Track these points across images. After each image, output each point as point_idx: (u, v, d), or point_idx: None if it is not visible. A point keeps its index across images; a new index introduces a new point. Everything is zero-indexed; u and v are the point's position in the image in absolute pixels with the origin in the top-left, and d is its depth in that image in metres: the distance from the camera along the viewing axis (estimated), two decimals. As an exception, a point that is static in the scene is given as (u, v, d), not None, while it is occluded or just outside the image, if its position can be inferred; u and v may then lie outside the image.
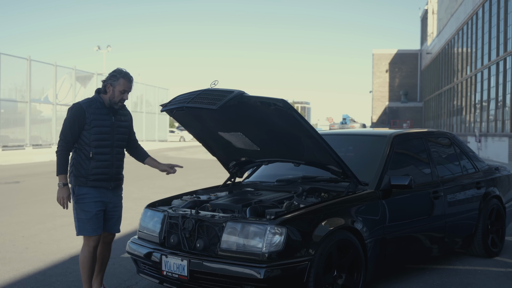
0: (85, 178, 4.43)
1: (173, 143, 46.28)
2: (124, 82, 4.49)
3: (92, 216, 4.42)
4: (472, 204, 6.03)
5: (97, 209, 4.44)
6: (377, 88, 66.50)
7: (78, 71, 33.09)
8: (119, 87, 4.48)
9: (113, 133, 4.52)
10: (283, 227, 4.04)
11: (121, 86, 4.48)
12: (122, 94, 4.50)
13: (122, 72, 4.51)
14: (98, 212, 4.46)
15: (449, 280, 5.35)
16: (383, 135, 5.53)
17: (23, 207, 10.06)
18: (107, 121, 4.48)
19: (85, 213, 4.42)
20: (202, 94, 4.46)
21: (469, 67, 34.39)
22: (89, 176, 4.43)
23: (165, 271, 4.38)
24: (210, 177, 15.44)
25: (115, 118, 4.55)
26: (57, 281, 5.34)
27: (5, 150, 26.15)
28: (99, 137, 4.44)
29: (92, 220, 4.42)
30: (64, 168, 4.41)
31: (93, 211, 4.42)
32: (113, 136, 4.52)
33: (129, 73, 4.55)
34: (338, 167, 4.80)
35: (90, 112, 4.43)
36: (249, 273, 3.93)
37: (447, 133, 6.44)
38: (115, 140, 4.54)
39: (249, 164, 5.64)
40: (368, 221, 4.67)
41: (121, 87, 4.48)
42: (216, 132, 5.12)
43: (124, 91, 4.50)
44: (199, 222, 4.37)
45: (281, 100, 4.25)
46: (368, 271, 4.63)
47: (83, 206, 4.43)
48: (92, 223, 4.42)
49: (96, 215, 4.43)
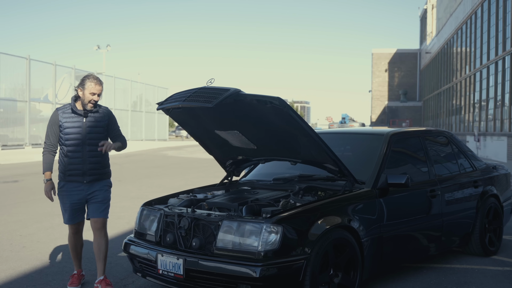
0: (63, 173, 5.06)
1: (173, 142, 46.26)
2: (90, 84, 4.96)
3: (66, 208, 5.03)
4: (469, 203, 6.03)
5: (71, 202, 5.01)
6: (377, 87, 66.45)
7: (77, 70, 33.04)
8: (87, 89, 4.96)
9: (84, 133, 4.99)
10: (279, 226, 4.02)
11: (89, 88, 4.95)
12: (91, 96, 4.97)
13: (90, 75, 5.04)
14: (73, 205, 5.02)
15: (446, 279, 5.34)
16: (380, 134, 5.52)
17: (21, 206, 10.05)
18: (76, 122, 4.99)
19: (63, 204, 5.07)
20: (198, 92, 4.45)
21: (468, 66, 34.37)
22: (65, 171, 5.03)
23: (161, 270, 4.37)
24: (209, 176, 15.42)
25: (87, 119, 5.01)
26: (54, 280, 5.33)
27: (4, 149, 26.13)
28: (69, 137, 4.98)
29: (67, 212, 5.04)
30: (48, 166, 5.03)
31: (67, 203, 5.02)
32: (84, 135, 4.99)
33: (96, 76, 5.05)
34: (334, 165, 4.79)
35: (63, 116, 5.00)
36: (245, 271, 3.92)
37: (445, 132, 6.44)
38: (87, 139, 5.00)
39: (246, 162, 5.63)
40: (365, 219, 4.66)
41: (89, 89, 4.95)
42: (213, 130, 5.11)
43: (93, 93, 4.96)
44: (195, 220, 4.36)
45: (277, 98, 4.24)
46: (364, 269, 4.62)
47: (61, 199, 5.07)
48: (67, 214, 5.05)
49: (70, 207, 5.01)
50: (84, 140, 4.97)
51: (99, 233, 5.01)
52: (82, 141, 4.97)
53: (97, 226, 5.00)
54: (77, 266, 5.21)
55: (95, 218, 5.00)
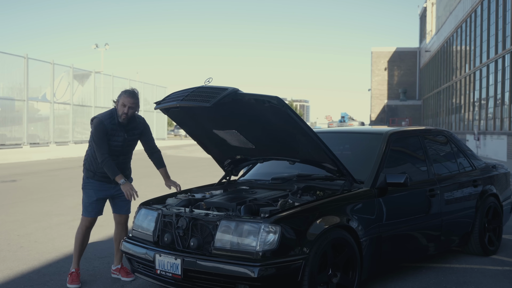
0: (93, 172, 5.20)
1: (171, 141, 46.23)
2: (124, 96, 5.05)
3: (92, 202, 5.19)
4: (469, 202, 6.00)
5: (97, 196, 5.19)
6: (376, 86, 66.40)
7: (75, 69, 32.90)
8: (121, 101, 5.07)
9: (123, 147, 5.18)
10: (277, 226, 4.00)
11: (121, 100, 5.06)
12: (123, 108, 5.05)
13: (125, 89, 5.14)
14: (99, 199, 5.21)
15: (445, 278, 5.32)
16: (379, 133, 5.50)
17: (19, 205, 10.02)
18: (119, 137, 5.12)
19: (88, 197, 5.21)
20: (196, 92, 4.42)
21: (467, 65, 34.34)
22: (97, 172, 5.18)
23: (158, 270, 4.34)
24: (208, 175, 15.39)
25: (127, 134, 5.17)
26: (51, 280, 5.30)
27: (2, 148, 26.06)
28: (110, 149, 5.07)
29: (91, 205, 5.20)
30: (116, 170, 5.02)
31: (93, 197, 5.19)
32: (123, 149, 5.19)
33: (131, 90, 5.12)
34: (333, 165, 4.77)
35: (109, 127, 5.06)
36: (243, 272, 3.89)
37: (444, 131, 6.41)
38: (124, 151, 5.21)
39: (244, 162, 5.60)
40: (364, 219, 4.63)
41: (121, 101, 5.06)
42: (211, 130, 5.08)
43: (124, 105, 5.03)
44: (193, 220, 4.33)
45: (275, 97, 4.21)
46: (363, 269, 4.60)
47: (87, 192, 5.22)
48: (91, 208, 5.21)
49: (96, 201, 5.20)
50: (121, 151, 5.18)
51: (122, 227, 5.37)
52: (120, 151, 5.17)
53: (121, 221, 5.36)
54: (77, 264, 5.23)
55: (120, 214, 5.34)
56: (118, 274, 5.30)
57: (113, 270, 5.35)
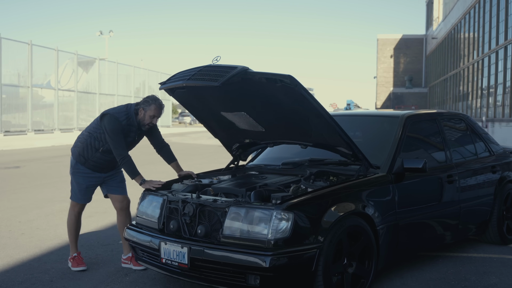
0: (85, 159, 4.97)
1: (176, 128, 46.03)
2: (155, 108, 4.87)
3: (82, 188, 5.03)
4: (487, 189, 5.75)
5: (88, 183, 5.03)
6: (382, 73, 65.92)
7: (80, 56, 32.68)
8: (150, 112, 4.86)
9: (130, 146, 5.00)
10: (290, 213, 3.76)
11: (151, 111, 4.86)
12: (151, 119, 4.90)
13: (155, 99, 4.89)
14: (89, 186, 5.05)
15: (464, 268, 5.08)
16: (395, 116, 5.23)
17: (22, 192, 9.84)
18: (130, 137, 4.93)
19: (78, 184, 5.03)
20: (204, 71, 4.17)
21: (475, 51, 33.89)
22: (89, 160, 4.96)
23: (164, 259, 4.12)
24: (213, 162, 15.19)
25: (138, 136, 5.01)
26: (52, 268, 5.10)
27: (6, 135, 25.93)
28: None
29: (81, 192, 5.05)
30: (136, 170, 4.79)
31: (84, 184, 5.02)
32: (129, 147, 4.99)
33: (160, 100, 4.94)
34: (348, 149, 4.51)
35: (125, 125, 4.84)
36: (253, 261, 3.65)
37: (461, 114, 6.14)
38: (129, 149, 5.00)
39: (253, 146, 5.35)
40: (380, 206, 4.39)
41: (151, 112, 4.86)
42: (218, 112, 4.83)
43: (154, 116, 4.90)
44: (200, 207, 4.09)
45: (288, 76, 3.95)
46: (380, 258, 4.37)
47: (77, 179, 5.02)
48: (81, 194, 5.05)
49: (86, 188, 5.04)
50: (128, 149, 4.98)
51: (125, 213, 5.08)
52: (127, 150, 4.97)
53: (123, 206, 5.07)
54: (75, 249, 5.11)
55: (119, 195, 5.07)
56: (130, 263, 5.05)
57: (124, 259, 5.10)
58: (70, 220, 5.14)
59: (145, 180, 4.73)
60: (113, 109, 4.96)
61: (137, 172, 4.79)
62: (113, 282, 4.68)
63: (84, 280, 4.73)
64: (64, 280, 4.73)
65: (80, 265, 5.00)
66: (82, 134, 5.06)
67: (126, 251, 5.09)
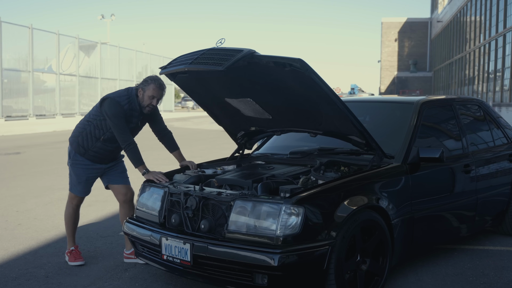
0: (85, 150, 4.68)
1: (179, 113, 45.71)
2: (154, 88, 4.55)
3: (82, 181, 4.76)
4: (504, 178, 5.47)
5: (88, 175, 4.75)
6: (386, 57, 65.40)
7: (81, 40, 32.32)
8: (149, 92, 4.55)
9: (132, 132, 4.66)
10: (300, 207, 3.49)
11: (150, 91, 4.55)
12: (151, 100, 4.57)
13: (154, 78, 4.59)
14: (89, 178, 4.78)
15: (481, 262, 4.83)
16: (410, 102, 4.94)
17: (21, 179, 9.61)
18: (133, 123, 4.61)
19: (77, 176, 4.75)
20: (207, 54, 3.88)
21: (482, 35, 33.40)
22: (89, 151, 4.67)
23: (165, 255, 3.87)
24: (215, 147, 14.96)
25: (141, 122, 4.69)
26: (48, 262, 4.86)
27: (8, 120, 25.67)
28: None
29: (81, 184, 4.77)
30: (140, 159, 4.50)
31: (83, 176, 4.75)
32: (132, 134, 4.64)
33: (161, 80, 4.60)
34: (361, 137, 4.23)
35: (127, 110, 4.54)
36: (261, 259, 3.40)
37: (477, 100, 5.83)
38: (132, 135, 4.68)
39: (260, 134, 5.07)
40: (395, 198, 4.12)
41: (150, 92, 4.55)
42: (223, 98, 4.55)
43: (153, 97, 4.57)
44: (204, 200, 3.83)
45: (298, 59, 3.66)
46: (394, 254, 4.11)
47: (76, 171, 4.74)
48: (80, 186, 4.78)
49: (86, 181, 4.77)
50: None
51: (128, 205, 4.81)
52: None
53: (126, 199, 4.81)
54: (73, 242, 4.87)
55: (121, 185, 4.80)
56: (134, 257, 4.75)
57: (127, 254, 4.82)
58: (67, 213, 4.89)
59: (149, 171, 4.46)
60: (114, 93, 4.67)
61: (142, 161, 4.51)
62: (112, 278, 4.43)
63: (81, 276, 4.49)
64: (60, 276, 4.49)
65: (77, 260, 4.76)
66: (81, 122, 4.77)
67: (128, 246, 4.80)
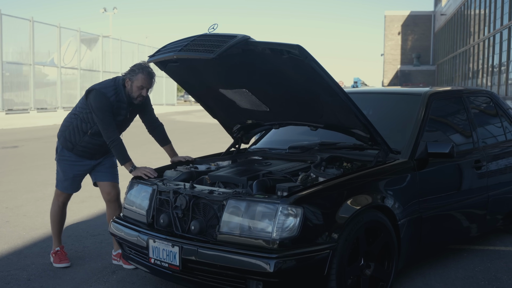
0: (72, 145, 4.42)
1: (181, 107, 45.38)
2: (143, 77, 4.24)
3: (68, 178, 4.51)
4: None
5: (75, 172, 4.50)
6: (389, 51, 65.00)
7: (83, 33, 32.09)
8: (137, 82, 4.25)
9: (122, 126, 4.42)
10: (299, 207, 3.20)
11: (139, 81, 4.25)
12: (140, 90, 4.28)
13: (142, 66, 4.28)
14: (76, 176, 4.52)
15: (492, 265, 4.53)
16: (417, 94, 4.63)
17: (15, 173, 9.33)
18: (121, 115, 4.33)
19: (63, 173, 4.51)
20: (198, 41, 3.58)
21: (486, 28, 33.01)
22: (77, 146, 4.42)
23: (152, 259, 3.58)
24: (217, 141, 14.66)
25: (130, 113, 4.40)
26: (32, 263, 4.58)
27: (9, 113, 25.45)
28: None
29: (67, 181, 4.53)
30: (127, 156, 4.22)
31: (70, 173, 4.50)
32: (121, 128, 4.42)
33: (149, 68, 4.30)
34: (365, 131, 3.92)
35: (114, 102, 4.25)
36: (255, 264, 3.11)
37: (487, 91, 5.52)
38: (121, 130, 4.44)
39: (257, 127, 4.77)
40: (401, 197, 3.82)
41: (139, 82, 4.25)
42: (217, 89, 4.24)
43: (142, 87, 4.27)
44: (194, 199, 3.53)
45: (296, 46, 3.35)
46: (400, 257, 3.81)
47: (63, 167, 4.50)
48: (67, 183, 4.53)
49: (73, 178, 4.52)
50: (119, 130, 4.37)
51: (114, 205, 4.50)
52: (118, 130, 4.36)
53: (111, 198, 4.49)
54: (59, 242, 4.62)
55: (107, 182, 4.49)
56: (119, 260, 4.50)
57: (114, 255, 4.56)
58: (53, 211, 4.64)
59: (136, 167, 4.16)
60: (100, 84, 4.37)
61: (128, 158, 4.22)
62: (98, 282, 4.15)
63: (65, 279, 4.20)
64: (43, 279, 4.20)
65: (62, 261, 4.47)
66: (68, 116, 4.49)
67: (116, 247, 4.52)
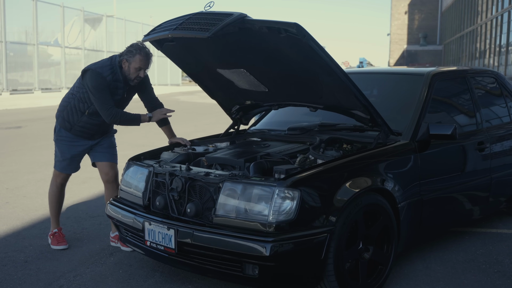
0: (70, 125, 4.38)
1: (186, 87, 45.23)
2: (140, 58, 4.18)
3: (66, 158, 4.47)
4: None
5: (72, 153, 4.46)
6: (395, 30, 64.41)
7: (86, 12, 31.87)
8: (135, 63, 4.19)
9: (119, 105, 4.35)
10: (296, 190, 3.14)
11: (136, 62, 4.19)
12: (137, 72, 4.23)
13: (139, 47, 4.20)
14: (74, 156, 4.48)
15: (494, 248, 4.47)
16: (419, 74, 4.53)
17: (18, 154, 9.31)
18: (118, 95, 4.28)
19: (61, 153, 4.47)
20: (193, 19, 3.50)
21: (494, 7, 32.60)
22: (75, 126, 4.37)
23: (148, 241, 3.54)
24: (220, 122, 14.56)
25: (127, 93, 4.35)
26: (30, 245, 4.55)
27: (13, 94, 25.41)
28: None
29: (65, 161, 4.49)
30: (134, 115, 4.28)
31: (67, 154, 4.46)
32: (118, 107, 4.31)
33: (147, 49, 4.25)
34: (365, 112, 3.84)
35: (111, 82, 4.20)
36: (251, 247, 3.06)
37: (492, 71, 5.41)
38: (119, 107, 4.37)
39: (256, 108, 4.70)
40: (402, 180, 3.75)
41: (136, 63, 4.19)
42: (214, 69, 4.16)
43: (140, 68, 4.22)
44: (190, 181, 3.48)
45: (294, 24, 3.26)
46: (400, 241, 3.76)
47: (61, 147, 4.46)
48: (64, 163, 4.49)
49: (71, 158, 4.47)
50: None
51: (112, 186, 4.47)
52: None
53: (109, 179, 4.46)
54: (57, 224, 4.58)
55: (105, 162, 4.46)
56: (117, 242, 4.47)
57: (112, 237, 4.53)
58: (51, 192, 4.59)
59: (152, 114, 4.38)
60: (96, 63, 4.30)
61: (138, 115, 4.30)
62: (95, 263, 4.12)
63: (62, 261, 4.17)
64: (40, 261, 4.18)
65: (60, 243, 4.44)
66: (66, 96, 4.44)
67: (114, 229, 4.49)
